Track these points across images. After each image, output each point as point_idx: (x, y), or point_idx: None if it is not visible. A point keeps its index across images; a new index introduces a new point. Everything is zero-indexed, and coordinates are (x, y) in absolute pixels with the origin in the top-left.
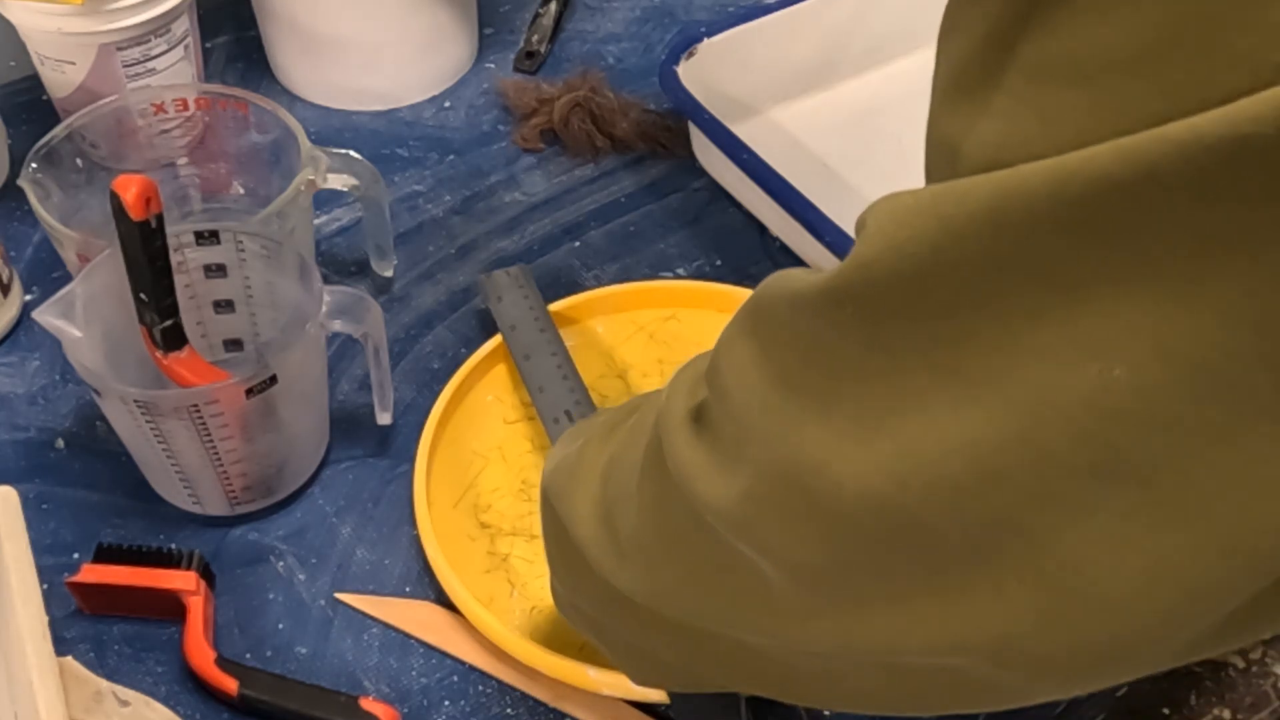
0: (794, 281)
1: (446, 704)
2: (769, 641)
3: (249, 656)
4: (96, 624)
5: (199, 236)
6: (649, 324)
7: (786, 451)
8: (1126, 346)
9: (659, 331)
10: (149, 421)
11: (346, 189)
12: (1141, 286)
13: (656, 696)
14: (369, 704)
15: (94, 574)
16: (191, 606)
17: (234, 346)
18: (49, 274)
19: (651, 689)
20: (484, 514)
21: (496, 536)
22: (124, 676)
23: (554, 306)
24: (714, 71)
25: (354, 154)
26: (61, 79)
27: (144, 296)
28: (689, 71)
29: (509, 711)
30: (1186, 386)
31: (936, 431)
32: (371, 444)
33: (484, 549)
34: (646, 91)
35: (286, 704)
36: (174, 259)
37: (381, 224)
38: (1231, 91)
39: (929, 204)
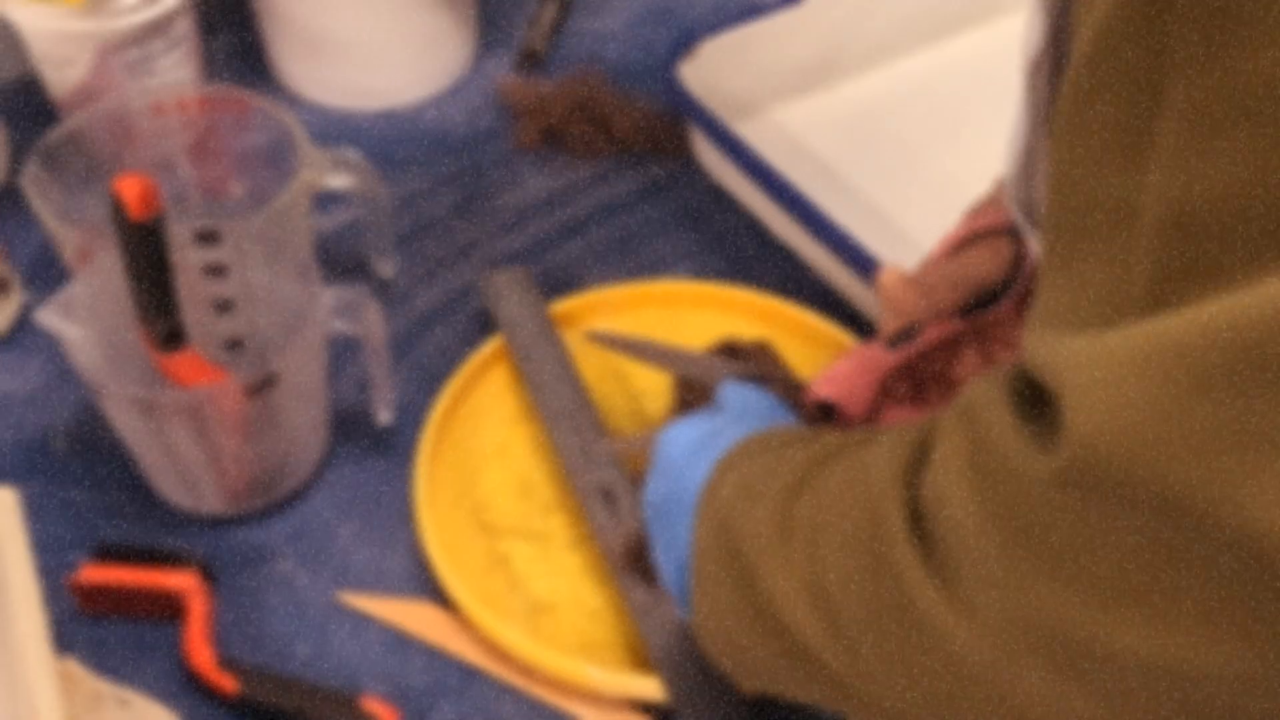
0: (1012, 458)
1: (446, 704)
2: None
3: (249, 656)
4: (96, 624)
5: (199, 236)
6: (649, 324)
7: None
8: None
9: (659, 332)
10: (149, 421)
11: (346, 189)
12: None
13: (657, 696)
14: (369, 704)
15: (94, 574)
16: (191, 607)
17: (234, 346)
18: (49, 274)
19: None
20: (484, 514)
21: (496, 536)
22: (124, 677)
23: (554, 307)
24: (714, 71)
25: (354, 154)
26: (61, 79)
27: (144, 296)
28: (689, 71)
29: (509, 711)
30: None
31: None
32: (371, 444)
33: (484, 549)
34: (646, 91)
35: (287, 704)
36: (174, 259)
37: (381, 224)
38: None
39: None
